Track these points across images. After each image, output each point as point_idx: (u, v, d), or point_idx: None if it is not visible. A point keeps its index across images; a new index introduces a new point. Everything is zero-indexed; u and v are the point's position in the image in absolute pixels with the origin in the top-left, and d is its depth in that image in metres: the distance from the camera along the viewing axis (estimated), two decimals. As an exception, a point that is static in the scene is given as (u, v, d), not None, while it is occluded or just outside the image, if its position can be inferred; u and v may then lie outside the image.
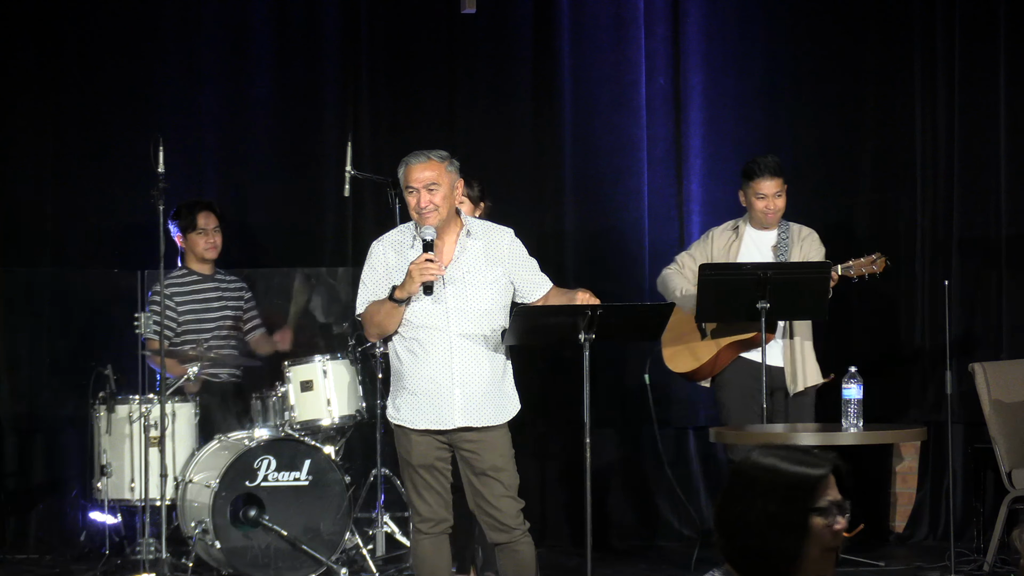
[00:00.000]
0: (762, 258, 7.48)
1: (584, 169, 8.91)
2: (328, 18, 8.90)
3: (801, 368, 7.49)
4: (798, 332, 7.49)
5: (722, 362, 7.53)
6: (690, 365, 7.61)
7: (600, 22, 8.90)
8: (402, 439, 5.95)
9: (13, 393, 8.71)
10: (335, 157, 8.64)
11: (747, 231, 7.60)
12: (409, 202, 5.87)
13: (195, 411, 7.80)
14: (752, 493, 2.92)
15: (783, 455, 2.96)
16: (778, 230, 7.57)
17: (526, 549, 5.92)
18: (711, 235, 7.67)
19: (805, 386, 7.49)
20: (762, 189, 7.49)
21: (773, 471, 2.93)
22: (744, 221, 7.63)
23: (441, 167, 5.86)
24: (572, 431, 8.03)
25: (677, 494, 8.70)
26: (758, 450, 2.98)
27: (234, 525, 7.45)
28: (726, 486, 2.98)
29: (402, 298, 5.83)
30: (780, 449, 2.98)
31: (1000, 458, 7.74)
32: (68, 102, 8.79)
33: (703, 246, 7.65)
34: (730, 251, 7.55)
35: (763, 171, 7.48)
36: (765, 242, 7.57)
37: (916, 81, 8.76)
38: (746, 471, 2.95)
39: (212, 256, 8.18)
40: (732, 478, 2.97)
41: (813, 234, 7.59)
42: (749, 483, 2.94)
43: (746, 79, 8.88)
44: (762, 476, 2.93)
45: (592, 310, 5.91)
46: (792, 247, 7.51)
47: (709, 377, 7.63)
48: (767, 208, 7.50)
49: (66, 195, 8.78)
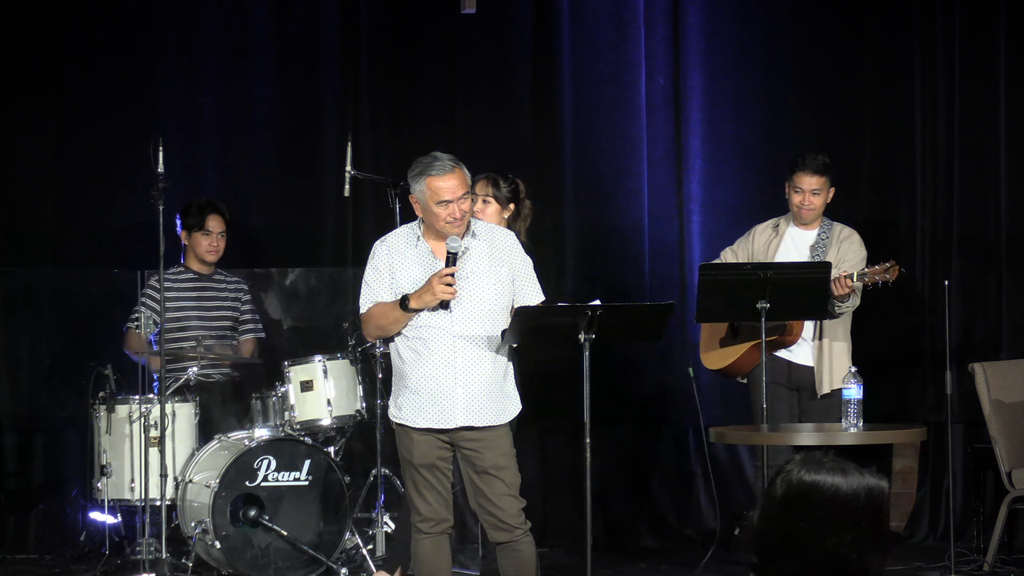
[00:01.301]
0: (799, 257, 7.48)
1: (584, 169, 8.91)
2: (328, 18, 8.90)
3: (829, 369, 7.46)
4: (827, 333, 7.46)
5: (750, 360, 7.51)
6: (721, 363, 7.65)
7: (600, 22, 8.90)
8: (403, 438, 5.95)
9: (13, 393, 8.71)
10: (335, 157, 8.64)
11: (788, 229, 7.60)
12: (438, 213, 5.79)
13: (195, 411, 7.80)
14: (828, 511, 2.74)
15: (831, 467, 2.79)
16: (819, 229, 7.56)
17: (527, 548, 5.92)
18: (753, 232, 7.67)
19: (831, 388, 7.45)
20: (801, 183, 7.49)
21: (838, 488, 2.76)
22: (787, 219, 7.62)
23: (462, 173, 5.86)
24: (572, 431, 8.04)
25: (677, 494, 8.69)
26: (801, 467, 2.80)
27: (234, 525, 7.45)
28: (778, 509, 2.77)
29: (417, 308, 5.83)
30: (818, 463, 2.80)
31: (1000, 458, 7.74)
32: (68, 102, 8.79)
33: (745, 243, 7.65)
34: (769, 249, 7.56)
35: (805, 166, 7.49)
36: (805, 241, 7.56)
37: (916, 81, 8.76)
38: (809, 490, 2.76)
39: (212, 259, 8.19)
40: (790, 500, 2.76)
41: (854, 235, 7.56)
42: (824, 501, 2.75)
43: (746, 79, 8.88)
44: (840, 494, 2.76)
45: (592, 310, 5.91)
46: (830, 247, 7.49)
47: (741, 375, 7.65)
48: (802, 203, 7.50)
49: (66, 195, 8.78)
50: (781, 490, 2.80)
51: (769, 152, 8.80)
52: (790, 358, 7.48)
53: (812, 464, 2.81)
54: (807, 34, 8.88)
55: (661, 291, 8.71)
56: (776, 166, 8.60)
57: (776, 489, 2.80)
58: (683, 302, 8.57)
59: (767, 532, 2.78)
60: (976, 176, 8.70)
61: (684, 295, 8.68)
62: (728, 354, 7.62)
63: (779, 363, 7.49)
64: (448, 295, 5.77)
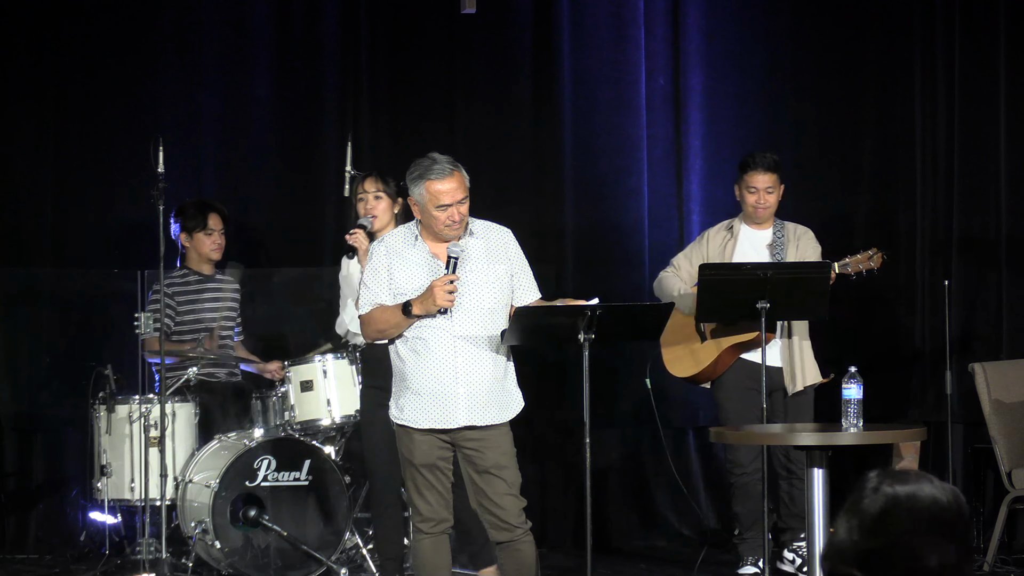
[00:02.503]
0: (758, 257, 7.49)
1: (584, 169, 8.91)
2: (328, 18, 8.90)
3: (800, 368, 7.50)
4: (796, 332, 7.50)
5: (724, 364, 7.53)
6: (691, 369, 7.61)
7: (600, 22, 8.90)
8: (404, 438, 5.95)
9: (13, 393, 8.71)
10: (335, 157, 8.64)
11: (742, 230, 7.62)
12: (437, 216, 5.79)
13: (195, 411, 7.81)
14: (928, 521, 2.73)
15: (916, 477, 2.77)
16: (772, 228, 7.59)
17: (527, 548, 5.92)
18: (706, 236, 7.69)
19: (804, 385, 7.51)
20: (754, 182, 7.53)
21: (935, 497, 2.74)
22: (739, 220, 7.65)
23: (461, 176, 5.85)
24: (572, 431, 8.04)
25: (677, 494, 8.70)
26: (886, 479, 2.77)
27: (234, 525, 7.45)
28: (876, 524, 2.74)
29: (420, 314, 5.83)
30: (904, 475, 2.78)
31: (1000, 458, 7.74)
32: (68, 102, 8.79)
33: (698, 247, 7.67)
34: (725, 250, 7.57)
35: (756, 165, 7.54)
36: (760, 240, 7.59)
37: (916, 81, 8.76)
38: (905, 506, 2.73)
39: (217, 257, 8.20)
40: (888, 513, 2.74)
41: (808, 232, 7.60)
42: (925, 509, 2.73)
43: (746, 79, 8.88)
44: (939, 503, 2.74)
45: (592, 310, 5.91)
46: (788, 245, 7.52)
47: (711, 380, 7.64)
48: (757, 202, 7.53)
49: (66, 195, 8.78)
50: (878, 505, 2.77)
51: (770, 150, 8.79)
52: (755, 359, 7.41)
53: (898, 476, 2.79)
54: (807, 34, 8.88)
55: (661, 291, 8.70)
56: (776, 166, 8.60)
57: (868, 505, 2.77)
58: (683, 302, 8.57)
59: (867, 550, 2.75)
60: (976, 176, 8.70)
61: (684, 295, 8.68)
62: (699, 359, 7.59)
63: (746, 365, 7.48)
64: (449, 303, 5.78)
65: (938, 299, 8.32)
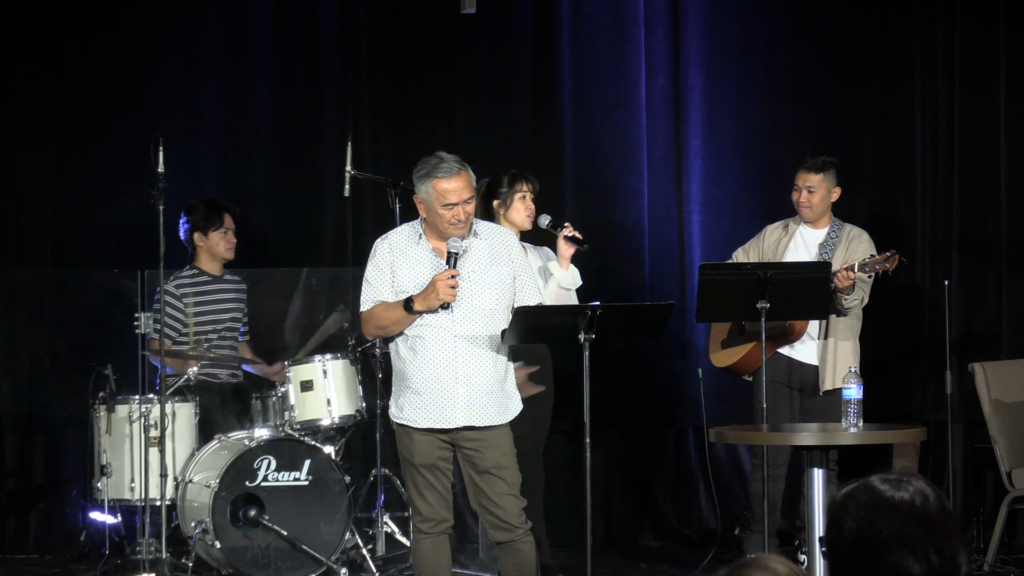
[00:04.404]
0: (808, 256, 7.52)
1: (584, 169, 8.91)
2: (328, 18, 8.90)
3: (833, 368, 7.48)
4: (833, 332, 7.48)
5: (755, 358, 7.52)
6: (728, 360, 7.68)
7: (600, 22, 8.90)
8: (404, 438, 5.95)
9: (13, 393, 8.71)
10: (335, 157, 8.64)
11: (799, 229, 7.65)
12: (443, 215, 5.80)
13: (195, 411, 7.80)
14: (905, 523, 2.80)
15: (890, 482, 2.83)
16: (828, 228, 7.60)
17: (527, 548, 5.93)
18: (765, 232, 7.73)
19: (834, 386, 7.46)
20: (798, 181, 7.63)
21: (902, 500, 2.82)
22: (796, 219, 7.68)
23: (468, 175, 5.85)
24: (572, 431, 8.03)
25: (677, 494, 8.69)
26: (898, 482, 2.83)
27: (234, 525, 7.45)
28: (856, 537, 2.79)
29: (421, 310, 5.83)
30: (873, 484, 2.82)
31: (1000, 458, 7.74)
32: (68, 102, 8.79)
33: (756, 242, 7.70)
34: (779, 248, 7.61)
35: (801, 164, 7.64)
36: (813, 240, 7.61)
37: (916, 82, 8.76)
38: (880, 507, 2.80)
39: (231, 256, 8.20)
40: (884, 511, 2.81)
41: (863, 235, 7.60)
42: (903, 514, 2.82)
43: (746, 79, 8.88)
44: (905, 504, 2.82)
45: (592, 310, 5.91)
46: (838, 246, 7.53)
47: (747, 373, 7.67)
48: (798, 200, 7.60)
49: (66, 195, 8.78)
50: (853, 520, 2.80)
51: (769, 152, 8.80)
52: (792, 355, 7.49)
53: (866, 488, 2.82)
54: (807, 34, 8.88)
55: (661, 291, 8.71)
56: (776, 166, 8.61)
57: (848, 518, 2.80)
58: (683, 302, 8.58)
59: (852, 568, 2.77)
60: (976, 176, 8.70)
61: (684, 295, 8.69)
62: (735, 352, 7.65)
63: (780, 361, 7.50)
64: (451, 297, 5.78)
65: (938, 299, 8.32)
